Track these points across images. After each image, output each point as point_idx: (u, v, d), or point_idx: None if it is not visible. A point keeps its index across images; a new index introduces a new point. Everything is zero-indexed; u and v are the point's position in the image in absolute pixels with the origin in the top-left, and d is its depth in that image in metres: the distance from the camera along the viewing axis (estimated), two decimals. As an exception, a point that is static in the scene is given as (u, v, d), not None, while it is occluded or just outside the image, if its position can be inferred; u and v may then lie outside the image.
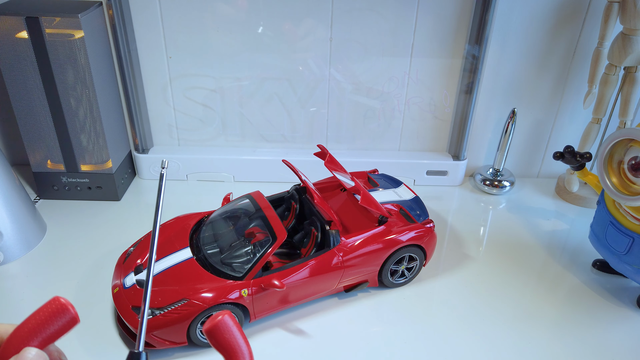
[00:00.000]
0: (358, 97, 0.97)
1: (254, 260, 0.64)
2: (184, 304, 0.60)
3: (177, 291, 0.61)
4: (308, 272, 0.66)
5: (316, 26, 0.89)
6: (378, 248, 0.70)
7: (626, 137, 0.66)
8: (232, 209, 0.73)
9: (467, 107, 0.95)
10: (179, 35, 0.90)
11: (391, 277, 0.73)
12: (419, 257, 0.74)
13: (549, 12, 0.89)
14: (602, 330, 0.69)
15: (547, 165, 1.06)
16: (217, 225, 0.72)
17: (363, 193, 0.71)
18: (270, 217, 0.68)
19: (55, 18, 0.76)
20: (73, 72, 0.80)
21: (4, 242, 0.76)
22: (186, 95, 0.97)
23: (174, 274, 0.64)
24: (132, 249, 0.70)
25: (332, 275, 0.68)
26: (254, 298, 0.63)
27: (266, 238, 0.66)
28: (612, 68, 0.85)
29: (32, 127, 0.85)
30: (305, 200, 0.76)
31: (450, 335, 0.67)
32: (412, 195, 0.82)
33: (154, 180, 1.01)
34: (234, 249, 0.67)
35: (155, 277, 0.63)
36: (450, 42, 0.91)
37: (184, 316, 0.60)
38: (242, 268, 0.64)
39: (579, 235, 0.89)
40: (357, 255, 0.69)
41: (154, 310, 0.60)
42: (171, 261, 0.66)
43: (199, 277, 0.63)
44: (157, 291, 0.62)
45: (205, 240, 0.69)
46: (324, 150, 0.78)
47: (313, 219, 0.71)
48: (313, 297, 0.70)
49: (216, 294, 0.61)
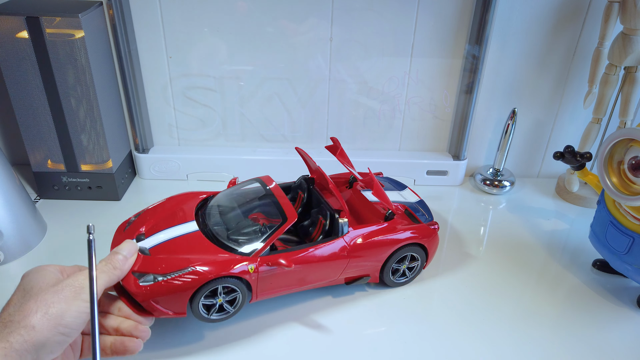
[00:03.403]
0: (358, 97, 0.97)
1: (262, 237, 0.63)
2: (188, 272, 0.58)
3: (181, 259, 0.60)
4: (314, 257, 0.66)
5: (316, 26, 0.89)
6: (383, 243, 0.70)
7: (626, 137, 0.66)
8: (240, 189, 0.73)
9: (467, 107, 0.95)
10: (179, 35, 0.90)
11: (392, 275, 0.73)
12: (421, 257, 0.74)
13: (549, 12, 0.89)
14: (602, 330, 0.69)
15: (547, 165, 1.06)
16: (224, 203, 0.71)
17: (376, 185, 0.71)
18: (281, 198, 0.68)
19: (56, 18, 0.76)
20: (73, 72, 0.80)
21: (4, 242, 0.76)
22: (186, 95, 0.97)
23: (179, 243, 0.63)
24: (134, 219, 0.69)
25: (337, 263, 0.68)
26: (259, 276, 0.62)
27: (276, 219, 0.65)
28: (612, 68, 0.85)
29: (32, 126, 0.85)
30: (313, 191, 0.76)
31: (451, 334, 0.67)
32: (417, 199, 0.82)
33: (155, 180, 1.01)
34: (242, 227, 0.66)
35: (159, 245, 0.62)
36: (451, 42, 0.91)
37: (187, 285, 0.58)
38: (250, 244, 0.63)
39: (579, 235, 0.89)
40: (363, 247, 0.69)
41: (157, 276, 0.58)
42: (176, 232, 0.65)
43: (206, 249, 0.62)
44: (161, 258, 0.60)
45: (212, 216, 0.68)
46: (336, 144, 0.78)
47: (322, 207, 0.71)
48: (315, 285, 0.69)
49: (222, 266, 0.60)
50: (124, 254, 0.57)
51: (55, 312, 0.46)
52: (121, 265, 0.55)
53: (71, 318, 0.47)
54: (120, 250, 0.57)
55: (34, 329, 0.44)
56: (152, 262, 0.59)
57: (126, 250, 0.57)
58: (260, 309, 0.70)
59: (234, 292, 0.61)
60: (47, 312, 0.46)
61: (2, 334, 0.44)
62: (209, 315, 0.61)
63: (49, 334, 0.45)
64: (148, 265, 0.59)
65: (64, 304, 0.47)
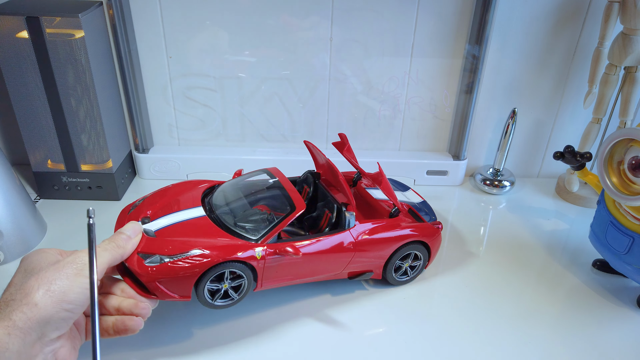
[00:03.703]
0: (358, 97, 0.97)
1: (270, 225, 0.63)
2: (195, 255, 0.58)
3: (188, 242, 0.59)
4: (320, 248, 0.66)
5: (316, 26, 0.89)
6: (389, 238, 0.70)
7: (626, 137, 0.66)
8: (247, 179, 0.73)
9: (467, 107, 0.95)
10: (179, 35, 0.90)
11: (394, 273, 0.74)
12: (424, 256, 0.74)
13: (549, 12, 0.89)
14: (602, 330, 0.69)
15: (547, 165, 1.06)
16: (231, 192, 0.70)
17: (384, 180, 0.71)
18: (289, 189, 0.68)
19: (56, 18, 0.76)
20: (73, 72, 0.80)
21: (4, 242, 0.76)
22: (186, 95, 0.97)
23: (186, 227, 0.62)
24: (139, 202, 0.68)
25: (343, 256, 0.68)
26: (266, 264, 0.62)
27: (284, 208, 0.65)
28: (612, 68, 0.85)
29: (32, 126, 0.85)
30: (319, 185, 0.76)
31: (451, 334, 0.67)
32: (420, 199, 0.83)
33: (155, 180, 1.01)
34: (250, 215, 0.66)
35: (165, 228, 0.61)
36: (451, 42, 0.91)
37: (194, 268, 0.57)
38: (258, 231, 0.63)
39: (579, 235, 0.89)
40: (368, 242, 0.69)
41: (163, 258, 0.57)
42: (183, 216, 0.64)
43: (213, 233, 0.62)
44: (168, 240, 0.60)
45: (219, 203, 0.68)
46: (344, 140, 0.78)
47: (328, 200, 0.71)
48: (319, 278, 0.69)
49: (230, 250, 0.59)
50: (127, 233, 0.56)
51: (58, 289, 0.46)
52: (124, 244, 0.55)
53: (74, 294, 0.47)
54: (124, 230, 0.57)
55: (36, 305, 0.44)
56: (158, 243, 0.59)
57: (130, 230, 0.57)
58: (260, 309, 0.70)
59: (239, 279, 0.61)
60: (49, 289, 0.45)
61: (4, 313, 0.44)
62: (213, 300, 0.61)
63: (53, 310, 0.45)
64: (154, 246, 0.58)
65: (66, 280, 0.47)
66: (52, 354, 0.47)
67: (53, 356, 0.47)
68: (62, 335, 0.48)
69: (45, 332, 0.45)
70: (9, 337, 0.43)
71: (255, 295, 0.71)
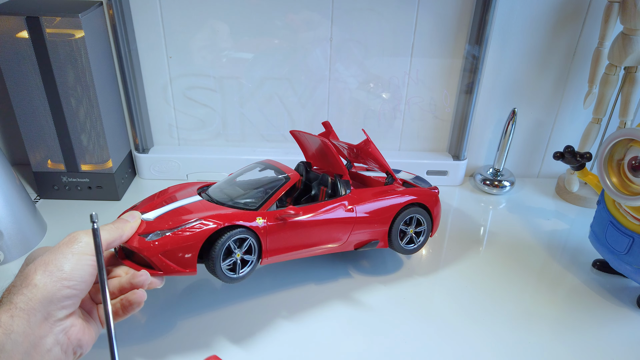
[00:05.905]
0: (358, 97, 0.97)
1: (268, 194, 0.65)
2: (197, 223, 0.58)
3: (188, 217, 0.60)
4: (320, 215, 0.67)
5: (316, 26, 0.89)
6: (386, 200, 0.72)
7: (626, 137, 0.66)
8: (239, 170, 0.76)
9: (467, 107, 0.95)
10: (179, 35, 0.90)
11: (400, 240, 0.74)
12: (426, 221, 0.75)
13: (549, 12, 0.89)
14: (602, 330, 0.69)
15: (547, 165, 1.07)
16: (226, 181, 0.73)
17: (372, 146, 0.73)
18: (281, 165, 0.72)
19: (56, 18, 0.76)
20: (73, 72, 0.80)
21: (4, 242, 0.76)
22: (186, 95, 0.97)
23: (185, 209, 0.63)
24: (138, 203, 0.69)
25: (344, 222, 0.69)
26: (268, 230, 0.63)
27: (279, 179, 0.68)
28: (612, 68, 0.85)
29: (32, 126, 0.85)
30: (311, 172, 0.78)
31: (451, 334, 0.67)
32: (412, 176, 0.86)
33: (155, 180, 1.01)
34: (247, 191, 0.68)
35: (164, 214, 0.61)
36: (451, 42, 0.91)
37: (196, 235, 0.57)
38: (256, 201, 0.65)
39: (579, 235, 0.89)
40: (367, 206, 0.71)
41: (164, 231, 0.58)
42: (180, 203, 0.65)
43: (213, 209, 0.63)
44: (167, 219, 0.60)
45: (215, 192, 0.69)
46: (328, 129, 0.80)
47: (322, 176, 0.73)
48: (324, 249, 0.70)
49: (230, 217, 0.60)
50: (126, 217, 0.58)
51: (54, 268, 0.47)
52: (122, 225, 0.56)
53: (72, 269, 0.47)
54: (123, 216, 0.59)
55: (36, 286, 0.45)
56: (158, 222, 0.60)
57: (129, 215, 0.59)
58: (260, 308, 0.70)
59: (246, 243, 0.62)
60: (46, 269, 0.46)
61: (6, 299, 0.45)
62: (237, 274, 0.62)
63: (53, 288, 0.46)
64: (154, 226, 0.59)
65: (60, 256, 0.48)
66: (64, 333, 0.47)
67: (65, 335, 0.47)
68: (72, 314, 0.48)
69: (51, 312, 0.46)
70: (12, 319, 0.43)
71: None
